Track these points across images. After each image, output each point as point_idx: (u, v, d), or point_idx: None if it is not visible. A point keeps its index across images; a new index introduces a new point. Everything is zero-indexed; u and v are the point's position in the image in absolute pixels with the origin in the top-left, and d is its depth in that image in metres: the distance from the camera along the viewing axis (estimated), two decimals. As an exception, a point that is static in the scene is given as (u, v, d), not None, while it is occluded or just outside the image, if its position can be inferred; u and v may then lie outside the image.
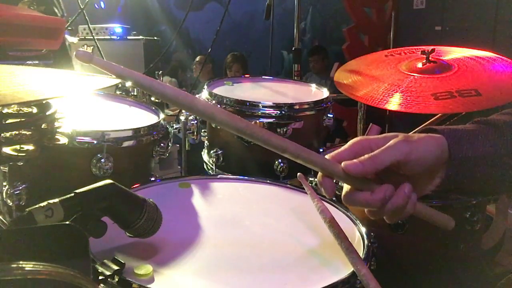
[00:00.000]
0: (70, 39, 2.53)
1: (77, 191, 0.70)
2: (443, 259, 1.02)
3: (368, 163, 0.66)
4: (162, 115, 1.32)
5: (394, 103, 1.42)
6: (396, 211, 0.68)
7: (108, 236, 0.72)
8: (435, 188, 0.71)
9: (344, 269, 0.77)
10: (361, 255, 0.80)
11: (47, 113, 0.76)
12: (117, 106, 1.42)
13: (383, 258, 0.87)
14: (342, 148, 0.71)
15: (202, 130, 1.59)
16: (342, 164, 0.68)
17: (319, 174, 0.72)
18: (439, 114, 2.17)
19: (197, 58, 5.24)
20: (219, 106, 1.43)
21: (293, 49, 2.42)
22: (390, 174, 0.69)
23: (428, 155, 0.68)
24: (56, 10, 2.11)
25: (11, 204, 1.08)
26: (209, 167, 1.52)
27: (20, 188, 1.08)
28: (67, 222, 0.66)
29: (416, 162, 0.67)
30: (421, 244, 1.12)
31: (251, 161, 1.43)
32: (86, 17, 2.46)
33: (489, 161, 0.70)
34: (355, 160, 0.68)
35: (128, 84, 1.51)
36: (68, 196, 0.69)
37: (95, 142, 1.08)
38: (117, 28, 4.11)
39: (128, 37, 4.23)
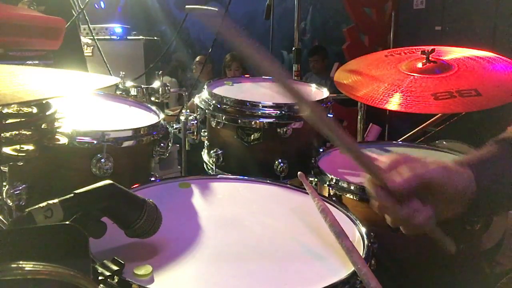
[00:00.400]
0: (84, 39, 2.55)
1: (76, 191, 0.70)
2: (443, 259, 1.02)
3: (412, 180, 0.72)
4: (162, 115, 1.32)
5: (394, 103, 1.42)
6: (416, 227, 0.74)
7: (108, 236, 0.72)
8: (458, 214, 0.76)
9: (344, 269, 0.77)
10: (361, 255, 0.80)
11: (47, 113, 0.76)
12: (117, 106, 1.42)
13: (383, 258, 0.87)
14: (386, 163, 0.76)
15: (202, 130, 1.59)
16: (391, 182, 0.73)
17: (371, 181, 0.76)
18: (439, 114, 2.17)
19: (197, 58, 5.23)
20: (219, 106, 1.43)
21: (293, 49, 2.42)
22: (420, 194, 0.74)
23: (464, 186, 0.73)
24: (74, 12, 2.13)
25: (11, 204, 1.08)
26: (209, 167, 1.52)
27: (20, 188, 1.08)
28: (67, 222, 0.66)
29: (451, 189, 0.72)
30: (421, 244, 1.12)
31: (251, 161, 1.43)
32: (86, 17, 2.46)
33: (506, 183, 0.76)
34: (400, 180, 0.72)
35: (129, 84, 1.51)
36: (68, 196, 0.69)
37: (95, 142, 1.08)
38: (117, 28, 4.11)
39: (128, 37, 4.23)
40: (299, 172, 1.09)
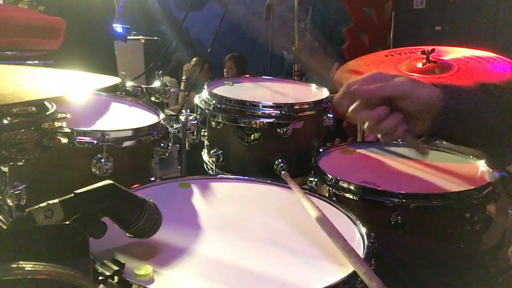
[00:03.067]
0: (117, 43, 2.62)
1: (76, 191, 0.70)
2: (443, 257, 1.02)
3: (378, 88, 0.82)
4: (162, 115, 1.32)
5: (394, 103, 1.41)
6: (388, 131, 0.83)
7: (108, 236, 0.72)
8: (426, 129, 0.84)
9: (344, 269, 0.77)
10: (361, 255, 0.80)
11: (47, 113, 0.76)
12: (117, 106, 1.42)
13: (383, 258, 0.87)
14: (361, 76, 0.87)
15: (202, 130, 1.59)
16: (357, 85, 0.85)
17: (339, 94, 0.88)
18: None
19: (193, 61, 5.21)
20: (219, 106, 1.43)
21: (293, 49, 2.42)
22: (393, 108, 0.83)
23: (427, 98, 0.82)
24: None
25: (11, 204, 1.08)
26: (209, 167, 1.52)
27: (20, 188, 1.08)
28: (67, 223, 0.66)
29: (415, 99, 0.81)
30: (421, 243, 1.12)
31: (251, 161, 1.43)
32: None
33: (470, 115, 0.83)
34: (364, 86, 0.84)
35: (129, 84, 1.51)
36: (68, 196, 0.69)
37: (95, 142, 1.08)
38: (117, 28, 4.11)
39: (128, 37, 4.23)
40: (283, 172, 1.11)
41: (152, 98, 1.51)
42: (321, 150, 1.48)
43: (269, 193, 1.14)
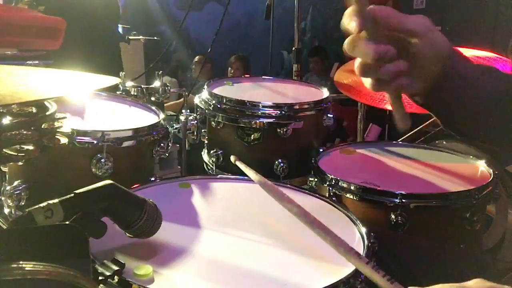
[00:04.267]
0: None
1: (77, 191, 0.70)
2: (443, 257, 1.02)
3: (394, 14, 0.72)
4: (162, 115, 1.32)
5: (394, 103, 1.41)
6: (386, 77, 0.72)
7: (108, 236, 0.72)
8: (425, 88, 0.75)
9: (344, 269, 0.77)
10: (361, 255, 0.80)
11: (47, 113, 0.76)
12: (117, 106, 1.42)
13: (383, 258, 0.87)
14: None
15: (202, 130, 1.59)
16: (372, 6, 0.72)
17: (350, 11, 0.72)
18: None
19: (196, 58, 5.23)
20: (219, 106, 1.43)
21: (293, 49, 2.42)
22: (401, 50, 0.72)
23: (438, 45, 0.73)
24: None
25: (11, 204, 1.08)
26: (209, 167, 1.52)
27: (20, 188, 1.08)
28: (67, 222, 0.66)
29: (427, 43, 0.72)
30: (421, 243, 1.12)
31: (251, 161, 1.43)
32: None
33: (475, 95, 0.75)
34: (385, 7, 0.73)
35: (129, 84, 1.51)
36: (68, 196, 0.69)
37: (95, 142, 1.08)
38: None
39: (128, 37, 4.23)
40: (232, 156, 1.07)
41: (152, 98, 1.51)
42: (321, 150, 1.48)
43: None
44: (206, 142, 1.58)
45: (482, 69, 0.78)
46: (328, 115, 1.51)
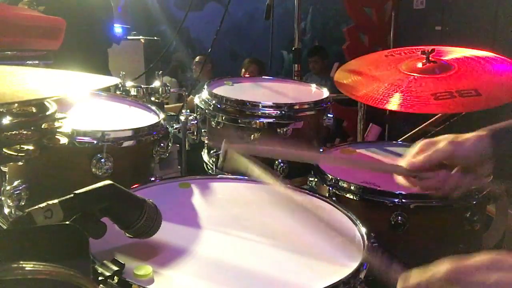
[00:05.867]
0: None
1: (76, 192, 0.70)
2: (443, 257, 1.02)
3: (422, 161, 0.89)
4: (162, 115, 1.32)
5: (394, 103, 1.42)
6: (454, 187, 0.89)
7: (108, 236, 0.72)
8: (490, 170, 0.89)
9: (344, 269, 0.77)
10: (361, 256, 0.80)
11: (47, 113, 0.76)
12: (117, 106, 1.42)
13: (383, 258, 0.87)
14: (413, 151, 0.92)
15: (202, 130, 1.59)
16: (405, 164, 0.91)
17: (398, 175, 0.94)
18: (439, 114, 2.17)
19: (197, 58, 5.23)
20: (219, 106, 1.43)
21: (293, 49, 2.42)
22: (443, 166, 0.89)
23: (473, 153, 0.86)
24: None
25: (11, 204, 1.08)
26: (209, 167, 1.52)
27: (20, 188, 1.08)
28: (67, 223, 0.66)
29: (461, 158, 0.87)
30: (421, 243, 1.12)
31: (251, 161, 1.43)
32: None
33: None
34: (413, 160, 0.90)
35: (129, 84, 1.51)
36: (68, 197, 0.69)
37: (95, 142, 1.08)
38: (117, 28, 4.11)
39: (128, 37, 4.23)
40: (225, 140, 1.08)
41: (152, 98, 1.51)
42: (321, 150, 1.48)
43: (269, 193, 1.13)
44: (206, 142, 1.58)
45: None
46: (328, 115, 1.51)
